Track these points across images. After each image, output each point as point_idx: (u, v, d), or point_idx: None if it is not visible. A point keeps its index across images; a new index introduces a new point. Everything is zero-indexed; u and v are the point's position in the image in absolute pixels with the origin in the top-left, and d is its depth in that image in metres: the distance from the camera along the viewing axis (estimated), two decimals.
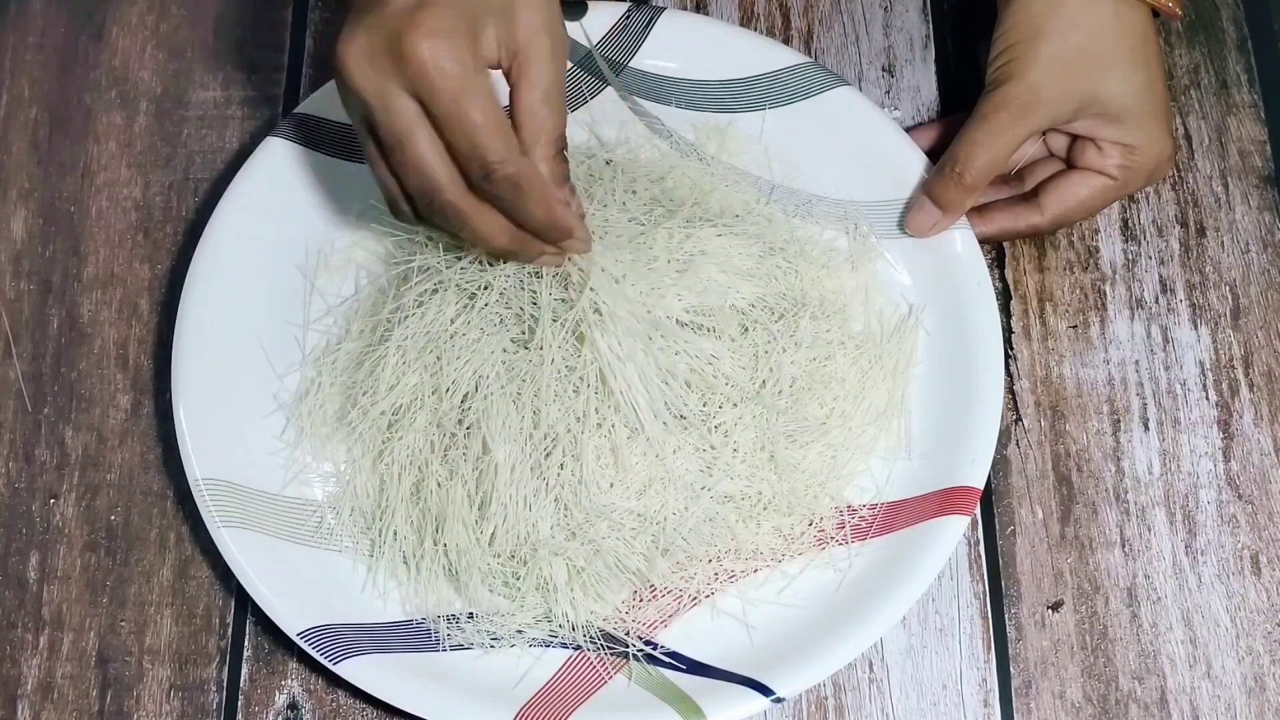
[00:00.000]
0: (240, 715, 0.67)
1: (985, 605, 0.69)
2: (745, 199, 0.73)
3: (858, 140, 0.73)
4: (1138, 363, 0.73)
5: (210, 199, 0.76)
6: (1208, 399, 0.72)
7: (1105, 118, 0.68)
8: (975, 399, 0.68)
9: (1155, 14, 0.69)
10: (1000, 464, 0.71)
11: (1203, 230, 0.75)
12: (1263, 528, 0.70)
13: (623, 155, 0.73)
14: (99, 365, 0.74)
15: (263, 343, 0.70)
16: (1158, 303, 0.74)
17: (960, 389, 0.68)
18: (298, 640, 0.64)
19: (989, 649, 0.68)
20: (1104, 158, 0.69)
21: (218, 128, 0.78)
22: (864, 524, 0.67)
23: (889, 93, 0.79)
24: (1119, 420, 0.72)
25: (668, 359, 0.64)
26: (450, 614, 0.66)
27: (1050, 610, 0.69)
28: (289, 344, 0.71)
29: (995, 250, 0.75)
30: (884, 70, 0.79)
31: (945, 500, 0.66)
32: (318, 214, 0.72)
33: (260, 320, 0.70)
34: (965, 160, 0.68)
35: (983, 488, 0.66)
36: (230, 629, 0.69)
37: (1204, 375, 0.73)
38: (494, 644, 0.65)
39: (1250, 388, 0.72)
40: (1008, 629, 0.68)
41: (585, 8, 0.75)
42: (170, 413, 0.67)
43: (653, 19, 0.75)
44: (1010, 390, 0.72)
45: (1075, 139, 0.70)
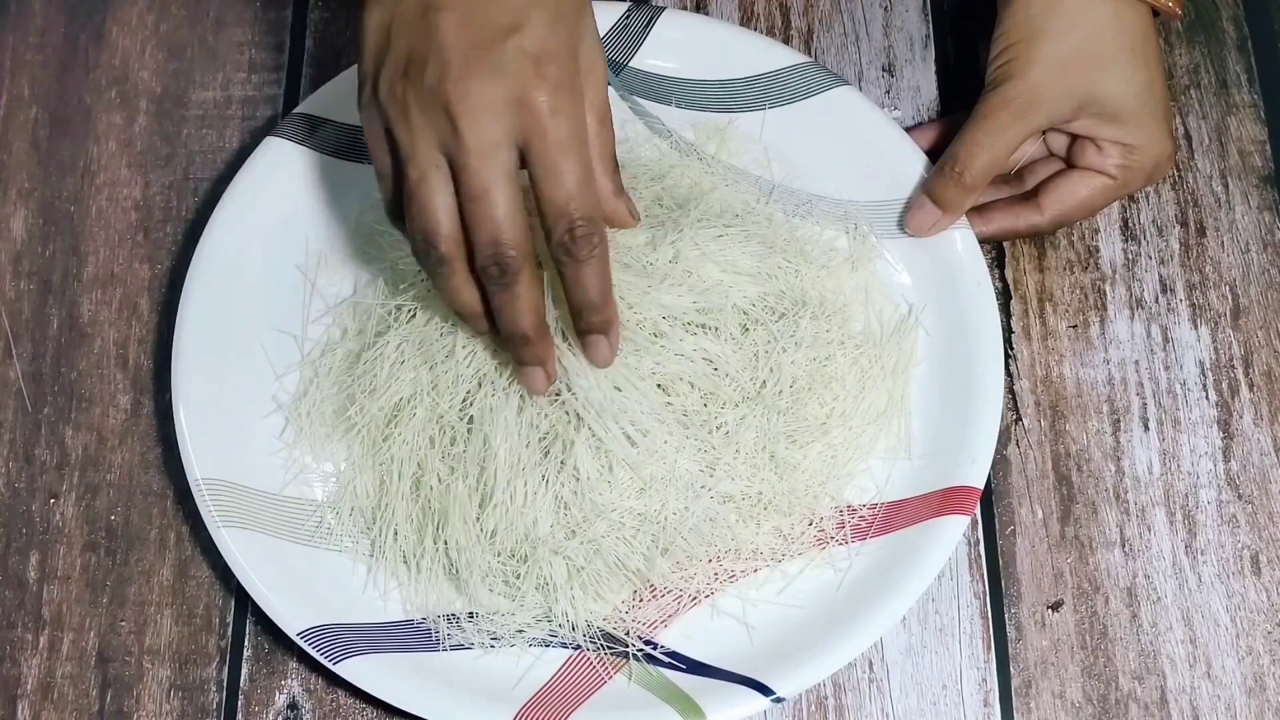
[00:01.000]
0: (240, 715, 0.67)
1: (985, 605, 0.69)
2: (745, 199, 0.73)
3: (858, 140, 0.73)
4: (1138, 363, 0.73)
5: (210, 199, 0.76)
6: (1208, 399, 0.72)
7: (1105, 117, 0.68)
8: (975, 399, 0.68)
9: (1155, 14, 0.69)
10: (1000, 464, 0.71)
11: (1203, 230, 0.75)
12: (1263, 528, 0.70)
13: (624, 154, 0.73)
14: (99, 365, 0.74)
15: (263, 342, 0.70)
16: (1158, 302, 0.74)
17: (960, 389, 0.68)
18: (298, 640, 0.64)
19: (989, 649, 0.68)
20: (1104, 157, 0.69)
21: (218, 128, 0.78)
22: (864, 524, 0.67)
23: (889, 93, 0.79)
24: (1119, 420, 0.72)
25: (667, 362, 0.64)
26: (450, 614, 0.66)
27: (1050, 610, 0.69)
28: (289, 343, 0.71)
29: (995, 250, 0.75)
30: (884, 70, 0.79)
31: (945, 500, 0.66)
32: (317, 214, 0.72)
33: (260, 320, 0.70)
34: (965, 160, 0.68)
35: (983, 487, 0.66)
36: (230, 629, 0.69)
37: (1204, 375, 0.73)
38: (494, 644, 0.65)
39: (1250, 388, 0.72)
40: (1008, 629, 0.68)
41: None
42: (170, 413, 0.67)
43: (653, 19, 0.75)
44: (1010, 390, 0.72)
45: (1075, 139, 0.70)
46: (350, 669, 0.63)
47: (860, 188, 0.73)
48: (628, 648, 0.65)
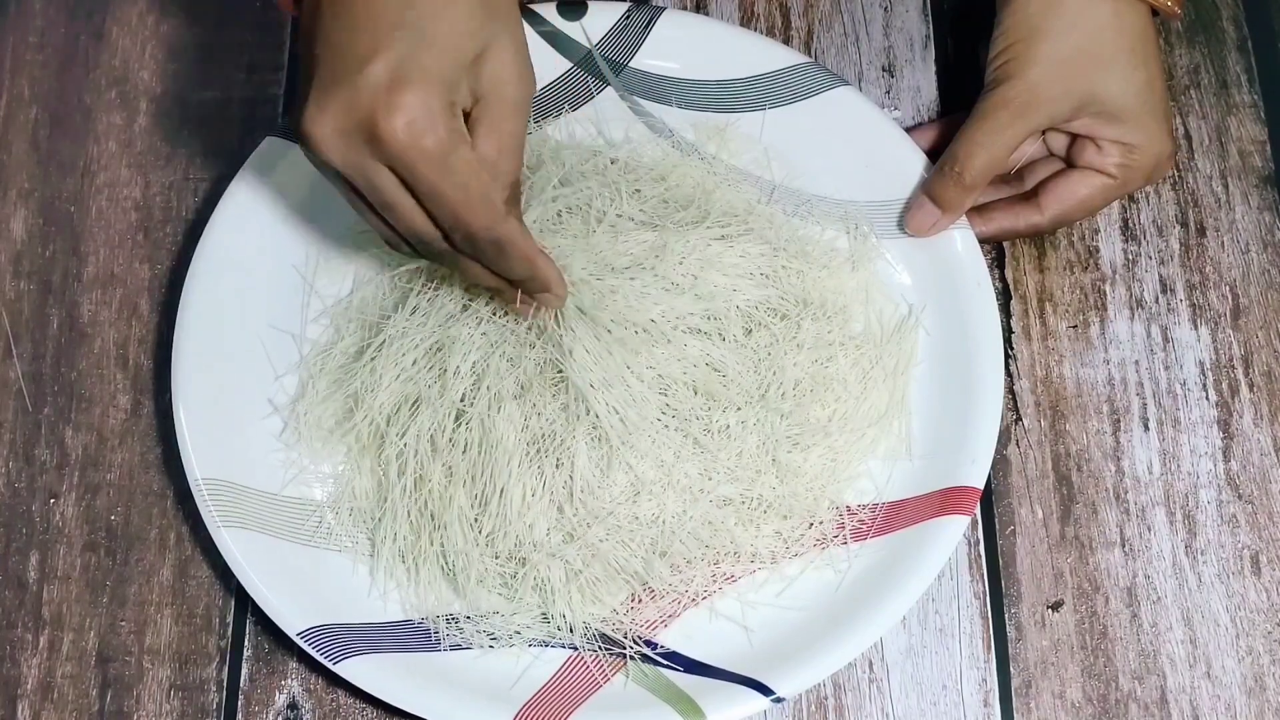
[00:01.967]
0: (240, 715, 0.67)
1: (985, 605, 0.69)
2: (747, 199, 0.73)
3: (858, 140, 0.73)
4: (1138, 363, 0.73)
5: (210, 199, 0.76)
6: (1208, 399, 0.72)
7: (1104, 117, 0.68)
8: (975, 399, 0.68)
9: (1154, 13, 0.69)
10: (1000, 464, 0.71)
11: (1203, 230, 0.75)
12: (1263, 528, 0.70)
13: (626, 155, 0.73)
14: (99, 365, 0.74)
15: (263, 342, 0.70)
16: (1158, 303, 0.74)
17: (960, 389, 0.68)
18: (298, 640, 0.64)
19: (989, 649, 0.68)
20: (1104, 157, 0.69)
21: (218, 128, 0.78)
22: (864, 524, 0.67)
23: (889, 93, 0.79)
24: (1119, 420, 0.72)
25: (669, 365, 0.64)
26: (449, 614, 0.66)
27: (1050, 610, 0.68)
28: (289, 344, 0.71)
29: (995, 250, 0.75)
30: (884, 70, 0.79)
31: (945, 500, 0.66)
32: (317, 214, 0.72)
33: (260, 320, 0.70)
34: (965, 160, 0.68)
35: (983, 488, 0.66)
36: (230, 629, 0.69)
37: (1204, 375, 0.73)
38: (493, 644, 0.65)
39: (1250, 388, 0.72)
40: (1008, 629, 0.68)
41: (585, 8, 0.75)
42: (170, 413, 0.67)
43: (653, 19, 0.75)
44: (1010, 390, 0.72)
45: (1075, 138, 0.70)
46: (350, 669, 0.63)
47: (860, 188, 0.73)
48: (625, 650, 0.65)
